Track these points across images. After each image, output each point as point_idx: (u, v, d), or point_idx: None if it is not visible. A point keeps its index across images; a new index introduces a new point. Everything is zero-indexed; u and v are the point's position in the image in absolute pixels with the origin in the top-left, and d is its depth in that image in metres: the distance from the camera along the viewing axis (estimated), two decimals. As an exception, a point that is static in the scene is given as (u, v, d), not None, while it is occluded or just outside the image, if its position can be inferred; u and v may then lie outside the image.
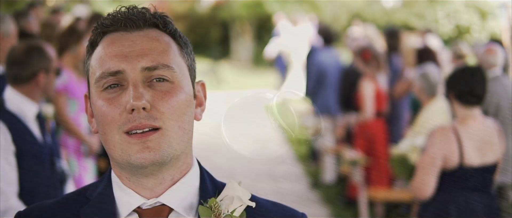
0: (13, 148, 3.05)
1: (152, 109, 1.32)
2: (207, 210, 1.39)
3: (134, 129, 1.31)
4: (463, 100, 3.98)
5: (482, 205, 4.03)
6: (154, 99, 1.32)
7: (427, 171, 3.93)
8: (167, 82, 1.35)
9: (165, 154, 1.33)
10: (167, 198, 1.38)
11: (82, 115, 5.34)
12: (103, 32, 1.38)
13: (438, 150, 3.91)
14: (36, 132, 3.21)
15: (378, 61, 6.93)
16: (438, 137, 3.95)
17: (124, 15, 1.37)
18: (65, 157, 4.89)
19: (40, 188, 3.18)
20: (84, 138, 5.23)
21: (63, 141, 5.11)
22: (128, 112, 1.31)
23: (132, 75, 1.32)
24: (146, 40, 1.37)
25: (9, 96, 3.18)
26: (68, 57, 5.23)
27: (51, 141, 3.39)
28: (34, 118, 3.22)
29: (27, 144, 3.13)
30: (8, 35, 4.18)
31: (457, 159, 3.93)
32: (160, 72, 1.34)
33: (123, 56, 1.33)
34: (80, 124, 5.29)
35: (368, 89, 6.92)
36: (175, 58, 1.39)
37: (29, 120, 3.18)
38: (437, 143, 3.92)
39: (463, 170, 3.95)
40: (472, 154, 3.94)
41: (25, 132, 3.14)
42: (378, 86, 6.98)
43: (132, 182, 1.37)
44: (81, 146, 5.24)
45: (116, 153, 1.34)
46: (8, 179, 3.03)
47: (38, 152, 3.19)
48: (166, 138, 1.34)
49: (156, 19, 1.41)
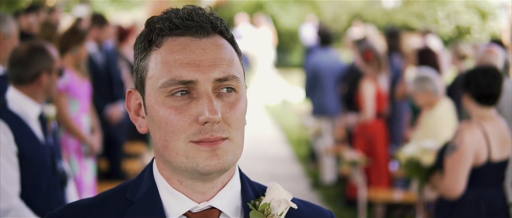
0: (15, 148, 3.06)
1: (221, 121, 1.32)
2: (259, 214, 1.40)
3: (205, 141, 1.31)
4: (483, 101, 4.01)
5: (500, 200, 4.08)
6: (223, 111, 1.32)
7: (459, 169, 3.92)
8: (234, 92, 1.35)
9: (231, 161, 1.34)
10: (217, 201, 1.38)
11: (83, 115, 5.35)
12: (165, 34, 1.35)
13: (470, 147, 3.91)
14: (38, 132, 3.21)
15: (379, 62, 6.94)
16: (468, 134, 3.94)
17: (194, 20, 1.34)
18: (66, 157, 4.90)
19: (41, 188, 3.20)
20: (85, 138, 5.24)
21: (64, 141, 5.12)
22: (200, 123, 1.30)
23: (205, 86, 1.31)
24: (215, 48, 1.34)
25: (11, 97, 3.19)
26: (70, 57, 5.25)
27: (53, 142, 3.39)
28: (36, 118, 3.22)
29: (28, 144, 3.13)
30: (10, 35, 4.18)
31: (486, 155, 3.95)
32: (229, 83, 1.33)
33: (195, 66, 1.31)
34: (81, 124, 5.30)
35: (368, 90, 6.93)
36: (238, 67, 1.38)
37: (31, 120, 3.19)
38: (468, 140, 3.91)
39: (490, 166, 3.99)
40: (496, 150, 3.98)
41: (27, 132, 3.14)
42: (379, 87, 6.99)
43: (184, 186, 1.36)
44: (82, 146, 5.25)
45: (179, 159, 1.32)
46: (10, 178, 3.04)
47: (40, 152, 3.19)
48: (232, 147, 1.34)
49: (222, 25, 1.38)
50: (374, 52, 6.94)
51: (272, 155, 10.40)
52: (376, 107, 6.97)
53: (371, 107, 6.93)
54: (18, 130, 3.10)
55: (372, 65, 6.92)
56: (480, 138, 3.94)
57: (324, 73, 8.54)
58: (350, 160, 6.37)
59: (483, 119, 4.01)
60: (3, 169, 3.02)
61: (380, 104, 7.01)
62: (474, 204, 3.99)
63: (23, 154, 3.10)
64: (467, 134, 3.93)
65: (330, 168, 8.55)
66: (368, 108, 6.92)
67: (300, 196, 6.18)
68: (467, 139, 3.91)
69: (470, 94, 4.04)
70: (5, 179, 3.02)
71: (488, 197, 4.03)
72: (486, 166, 3.98)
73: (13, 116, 3.13)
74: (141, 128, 1.41)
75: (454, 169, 3.93)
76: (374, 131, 6.99)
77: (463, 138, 3.92)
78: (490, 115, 4.05)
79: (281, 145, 11.28)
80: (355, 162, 6.36)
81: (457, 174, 3.93)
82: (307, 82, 8.76)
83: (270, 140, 11.68)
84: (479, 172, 3.98)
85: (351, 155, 6.41)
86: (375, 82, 6.95)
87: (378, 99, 6.98)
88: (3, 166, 3.02)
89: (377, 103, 6.98)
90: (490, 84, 3.99)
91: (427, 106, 5.62)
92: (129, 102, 1.43)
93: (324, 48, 8.75)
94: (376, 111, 6.99)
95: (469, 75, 4.10)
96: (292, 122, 12.84)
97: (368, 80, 6.95)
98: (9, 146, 3.04)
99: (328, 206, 7.70)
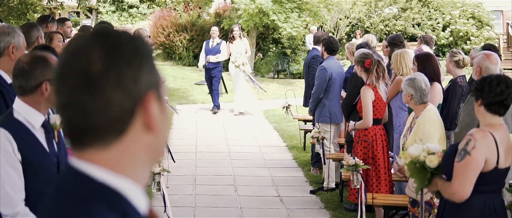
0: (19, 156, 3.12)
1: None
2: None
3: None
4: (494, 110, 4.06)
5: (500, 205, 4.16)
6: None
7: (469, 174, 3.95)
8: None
9: None
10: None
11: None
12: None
13: (482, 153, 3.96)
14: (42, 141, 3.26)
15: (379, 69, 7.02)
16: (481, 140, 3.98)
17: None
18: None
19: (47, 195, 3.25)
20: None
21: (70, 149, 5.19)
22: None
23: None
24: None
25: (16, 107, 3.23)
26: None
27: (58, 150, 3.42)
28: (41, 127, 3.26)
29: (33, 152, 3.18)
30: (19, 47, 4.28)
31: (495, 162, 4.00)
32: None
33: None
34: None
35: (368, 97, 7.03)
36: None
37: (35, 129, 3.24)
38: (480, 146, 3.95)
39: (497, 173, 4.05)
40: (503, 157, 4.04)
41: (32, 141, 3.19)
42: (378, 93, 7.09)
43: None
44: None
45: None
46: (15, 185, 3.10)
47: (45, 161, 3.24)
48: None
49: None
50: (373, 59, 7.03)
51: (274, 161, 10.49)
52: (375, 113, 7.08)
53: (371, 114, 7.04)
54: (22, 138, 3.15)
55: (372, 73, 7.01)
56: (492, 145, 4.00)
57: (335, 81, 8.66)
58: (351, 165, 6.45)
59: (493, 127, 4.07)
60: (8, 176, 3.08)
61: (380, 110, 7.11)
62: (480, 210, 4.06)
63: (28, 162, 3.15)
64: (480, 140, 3.98)
65: (331, 174, 8.64)
66: (368, 114, 7.03)
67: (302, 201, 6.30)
68: (480, 145, 3.96)
69: (482, 102, 4.08)
70: (10, 186, 3.08)
71: (492, 203, 4.11)
72: (493, 173, 4.04)
73: (18, 125, 3.18)
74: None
75: (464, 173, 3.97)
76: (374, 136, 7.09)
77: (476, 144, 3.96)
78: (498, 122, 4.10)
79: (283, 151, 11.36)
80: (355, 167, 6.44)
81: (466, 179, 3.97)
82: (317, 90, 8.79)
83: (271, 146, 11.76)
84: (487, 178, 4.03)
85: (352, 160, 6.48)
86: (374, 89, 7.05)
87: (377, 105, 7.08)
88: (8, 173, 3.08)
89: (377, 109, 7.08)
90: (503, 92, 4.05)
91: (417, 110, 5.69)
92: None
93: (331, 57, 8.85)
94: (376, 117, 7.10)
95: (484, 83, 4.11)
96: (294, 128, 12.92)
97: (367, 87, 7.05)
98: (14, 154, 3.10)
99: (329, 211, 7.80)
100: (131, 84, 1.20)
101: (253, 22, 22.73)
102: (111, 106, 1.19)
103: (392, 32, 26.48)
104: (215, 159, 10.54)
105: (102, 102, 1.18)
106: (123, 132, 1.21)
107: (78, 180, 1.20)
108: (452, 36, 27.59)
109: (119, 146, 1.21)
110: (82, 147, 1.22)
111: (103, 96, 1.18)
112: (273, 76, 25.35)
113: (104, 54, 1.19)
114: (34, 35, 5.45)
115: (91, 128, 1.20)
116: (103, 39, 1.22)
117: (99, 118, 1.19)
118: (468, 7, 28.41)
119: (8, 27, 4.35)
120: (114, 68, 1.19)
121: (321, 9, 24.10)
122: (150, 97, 1.22)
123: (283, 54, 26.82)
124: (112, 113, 1.19)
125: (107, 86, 1.18)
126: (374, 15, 28.63)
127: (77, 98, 1.19)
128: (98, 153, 1.21)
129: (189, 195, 8.38)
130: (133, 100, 1.20)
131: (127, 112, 1.20)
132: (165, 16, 27.04)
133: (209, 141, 12.04)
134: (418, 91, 5.60)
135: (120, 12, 34.25)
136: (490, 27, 28.16)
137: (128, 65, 1.20)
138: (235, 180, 9.21)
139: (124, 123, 1.21)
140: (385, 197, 6.80)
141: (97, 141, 1.21)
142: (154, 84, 1.25)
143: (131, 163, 1.23)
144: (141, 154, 1.25)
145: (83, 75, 1.18)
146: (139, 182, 1.25)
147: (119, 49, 1.21)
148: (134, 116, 1.21)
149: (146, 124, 1.23)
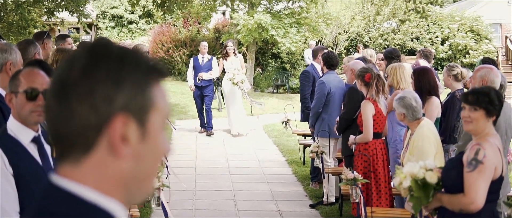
0: (11, 170, 3.14)
1: None
2: None
3: None
4: (494, 122, 4.17)
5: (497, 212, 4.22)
6: None
7: (482, 183, 3.99)
8: None
9: None
10: None
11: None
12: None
13: (492, 162, 4.01)
14: (35, 155, 3.29)
15: (379, 83, 7.04)
16: (489, 149, 4.03)
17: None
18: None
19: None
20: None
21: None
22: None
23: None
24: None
25: (9, 124, 3.29)
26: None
27: (55, 165, 3.46)
28: (31, 142, 3.29)
29: (26, 167, 3.21)
30: (16, 64, 4.32)
31: (501, 169, 4.06)
32: None
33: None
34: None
35: (368, 111, 7.04)
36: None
37: (27, 144, 3.27)
38: (490, 155, 4.00)
39: (501, 180, 4.10)
40: (505, 165, 4.11)
41: (24, 156, 3.23)
42: (379, 107, 7.10)
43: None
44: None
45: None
46: (10, 198, 3.13)
47: (38, 174, 3.25)
48: None
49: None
50: (373, 73, 7.05)
51: (273, 175, 10.48)
52: (375, 127, 7.09)
53: (371, 128, 7.04)
54: (14, 153, 3.18)
55: (371, 87, 7.03)
56: (498, 153, 4.06)
57: (334, 96, 8.68)
58: (349, 179, 6.45)
59: (493, 136, 4.13)
60: (3, 190, 3.11)
61: (380, 124, 7.12)
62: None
63: (20, 176, 3.18)
64: (488, 149, 4.02)
65: (331, 188, 8.63)
66: (368, 128, 7.04)
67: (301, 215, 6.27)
68: (489, 154, 4.01)
69: (485, 112, 4.14)
70: (5, 199, 3.11)
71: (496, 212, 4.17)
72: (499, 180, 4.09)
73: (9, 140, 3.22)
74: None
75: (479, 182, 3.99)
76: (374, 150, 7.09)
77: (485, 153, 4.00)
78: (495, 131, 4.19)
79: (282, 166, 11.36)
80: (354, 181, 6.44)
81: (480, 189, 4.00)
82: (316, 104, 8.80)
83: (271, 160, 11.76)
84: (494, 186, 4.08)
85: (352, 174, 6.48)
86: (374, 103, 7.06)
87: (377, 119, 7.09)
88: (2, 186, 3.11)
89: (377, 123, 7.09)
90: (501, 103, 4.17)
91: (412, 126, 5.73)
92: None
93: (331, 71, 8.87)
94: (376, 131, 7.10)
95: (485, 94, 4.18)
96: (293, 143, 12.93)
97: (367, 101, 7.07)
98: (6, 168, 3.14)
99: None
100: (101, 102, 1.13)
101: (252, 37, 22.80)
102: (74, 119, 1.13)
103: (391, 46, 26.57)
104: (214, 174, 10.54)
105: (66, 113, 1.14)
106: (89, 149, 1.15)
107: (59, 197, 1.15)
108: (451, 49, 27.68)
109: (88, 163, 1.16)
110: (61, 160, 1.19)
111: (68, 106, 1.14)
112: (273, 91, 25.41)
113: (85, 65, 1.15)
114: (31, 52, 5.51)
115: (59, 136, 1.17)
116: (95, 51, 1.17)
117: (64, 127, 1.15)
118: (466, 20, 28.54)
119: (5, 45, 4.42)
120: (88, 81, 1.13)
121: (320, 23, 24.21)
122: (120, 120, 1.14)
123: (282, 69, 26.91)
124: (75, 126, 1.14)
125: (74, 98, 1.13)
126: (373, 29, 28.74)
127: (49, 104, 1.17)
128: (71, 169, 1.17)
129: (189, 210, 8.36)
130: (100, 118, 1.13)
131: (92, 128, 1.14)
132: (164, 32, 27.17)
133: (209, 156, 12.04)
134: (409, 109, 5.66)
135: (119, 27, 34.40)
136: (489, 41, 28.27)
137: (105, 81, 1.14)
138: (234, 194, 9.20)
139: (88, 140, 1.14)
140: (385, 211, 6.79)
141: (68, 154, 1.17)
142: (134, 108, 1.15)
143: (104, 184, 1.16)
144: (115, 179, 1.17)
145: (60, 83, 1.16)
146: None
147: (103, 62, 1.15)
148: (101, 135, 1.14)
149: (111, 146, 1.15)
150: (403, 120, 5.75)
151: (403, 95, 5.77)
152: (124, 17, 34.16)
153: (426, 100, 6.61)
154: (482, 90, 4.30)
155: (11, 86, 3.30)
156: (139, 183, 1.20)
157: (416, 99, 5.70)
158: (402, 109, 5.68)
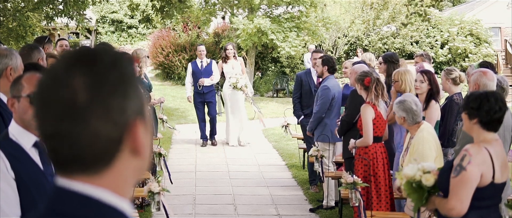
0: (12, 174, 3.15)
1: None
2: None
3: None
4: (490, 127, 4.09)
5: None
6: None
7: (465, 190, 3.96)
8: None
9: None
10: None
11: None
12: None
13: (477, 168, 3.97)
14: (37, 160, 3.29)
15: (378, 87, 7.05)
16: (475, 155, 3.99)
17: None
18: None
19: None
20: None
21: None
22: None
23: None
24: None
25: (10, 128, 3.30)
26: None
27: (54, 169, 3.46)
28: (33, 147, 3.28)
29: (27, 171, 3.21)
30: (16, 69, 4.33)
31: (490, 177, 4.01)
32: None
33: None
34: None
35: (368, 115, 7.05)
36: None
37: (28, 148, 3.27)
38: (476, 162, 3.97)
39: (493, 188, 4.05)
40: (498, 172, 4.04)
41: (26, 160, 3.23)
42: (378, 111, 7.11)
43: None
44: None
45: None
46: (11, 202, 3.13)
47: (39, 179, 3.26)
48: None
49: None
50: (373, 77, 7.06)
51: (273, 179, 10.48)
52: (375, 131, 7.09)
53: (371, 132, 7.05)
54: (16, 157, 3.18)
55: (371, 91, 7.03)
56: (487, 160, 4.01)
57: (335, 100, 8.70)
58: (349, 183, 6.45)
59: (488, 142, 4.08)
60: (4, 193, 3.11)
61: (380, 128, 7.13)
62: None
63: (21, 180, 3.18)
64: (475, 155, 3.99)
65: (331, 192, 8.63)
66: (368, 132, 7.04)
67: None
68: (475, 160, 3.97)
69: (479, 119, 4.09)
70: (6, 202, 3.11)
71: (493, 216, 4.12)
72: (489, 188, 4.04)
73: (11, 144, 3.22)
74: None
75: (460, 189, 3.98)
76: (374, 154, 7.10)
77: (471, 159, 3.97)
78: (493, 138, 4.12)
79: (282, 170, 11.36)
80: (353, 185, 6.44)
81: (463, 195, 3.98)
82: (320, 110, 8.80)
83: (271, 165, 11.76)
84: (482, 193, 4.03)
85: (351, 179, 6.48)
86: (374, 107, 7.07)
87: (377, 123, 7.10)
88: (3, 190, 3.11)
89: (377, 127, 7.10)
90: (501, 110, 4.08)
91: (412, 130, 5.73)
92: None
93: (331, 76, 8.88)
94: (376, 135, 7.11)
95: (480, 101, 4.11)
96: (293, 147, 12.93)
97: (367, 105, 7.07)
98: (7, 172, 3.15)
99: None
100: (118, 114, 1.16)
101: (252, 41, 22.83)
102: (99, 138, 1.15)
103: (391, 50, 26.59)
104: (214, 178, 10.54)
105: (89, 134, 1.14)
106: (111, 161, 1.18)
107: (73, 200, 1.17)
108: (450, 53, 27.69)
109: (110, 173, 1.19)
110: (70, 173, 1.19)
111: (90, 128, 1.14)
112: (272, 95, 25.43)
113: (88, 83, 1.15)
114: (35, 57, 5.52)
115: (78, 158, 1.17)
116: (85, 65, 1.17)
117: (87, 149, 1.15)
118: (466, 24, 28.55)
119: (5, 50, 4.42)
120: (100, 99, 1.14)
121: (320, 28, 24.23)
122: (137, 124, 1.19)
123: (282, 73, 26.92)
124: (100, 144, 1.16)
125: (93, 118, 1.14)
126: (372, 33, 28.75)
127: (64, 129, 1.15)
128: (88, 179, 1.18)
129: (188, 214, 8.37)
130: (120, 129, 1.17)
131: (114, 141, 1.17)
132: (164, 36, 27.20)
133: (209, 160, 12.03)
134: (409, 113, 5.66)
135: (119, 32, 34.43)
136: (488, 44, 28.28)
137: (114, 95, 1.16)
138: (234, 199, 9.20)
139: (111, 153, 1.18)
140: (385, 214, 6.79)
141: (85, 170, 1.18)
142: (140, 110, 1.21)
143: (122, 186, 1.21)
144: (131, 176, 1.23)
145: (69, 106, 1.14)
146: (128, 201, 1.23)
147: (104, 76, 1.16)
148: (122, 144, 1.18)
149: (134, 150, 1.20)
150: (403, 123, 5.75)
151: (403, 99, 5.77)
152: (124, 22, 34.20)
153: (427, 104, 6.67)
154: (470, 94, 4.30)
155: (13, 91, 3.31)
156: (141, 172, 1.27)
157: (416, 103, 5.71)
158: (402, 113, 5.68)
